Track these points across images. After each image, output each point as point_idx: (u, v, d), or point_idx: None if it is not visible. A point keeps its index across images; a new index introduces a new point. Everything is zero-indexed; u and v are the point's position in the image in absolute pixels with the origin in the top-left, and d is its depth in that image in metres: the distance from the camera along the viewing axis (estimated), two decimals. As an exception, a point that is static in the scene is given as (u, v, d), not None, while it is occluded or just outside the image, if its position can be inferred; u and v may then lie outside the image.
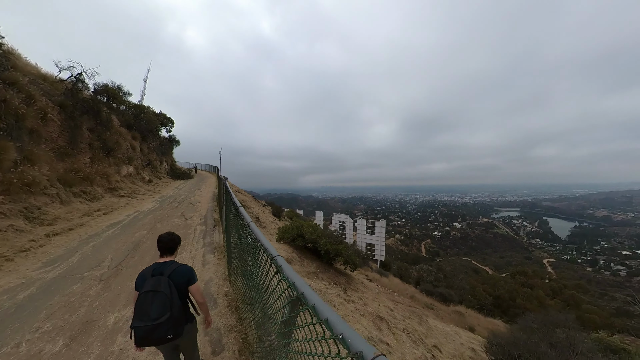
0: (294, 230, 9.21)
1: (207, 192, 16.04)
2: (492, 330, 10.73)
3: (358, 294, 7.19)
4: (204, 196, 13.83)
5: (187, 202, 11.53)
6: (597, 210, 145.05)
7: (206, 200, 12.30)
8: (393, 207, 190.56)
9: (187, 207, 10.24)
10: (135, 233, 6.48)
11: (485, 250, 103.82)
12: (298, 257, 7.98)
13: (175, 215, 8.69)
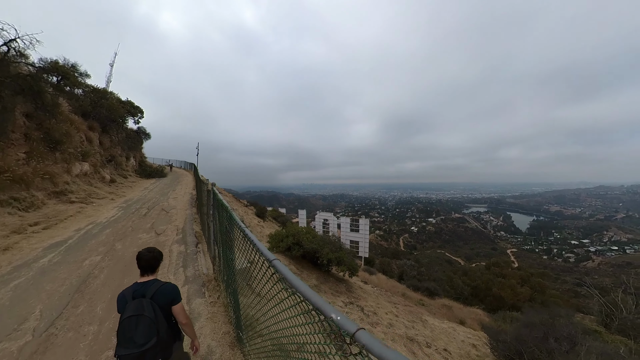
0: (290, 238, 8.19)
1: (183, 193, 13.95)
2: (481, 321, 11.48)
3: (365, 303, 6.87)
4: (180, 199, 11.85)
5: (158, 208, 9.56)
6: (551, 206, 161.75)
7: (183, 205, 10.40)
8: (373, 204, 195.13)
9: (158, 216, 8.36)
10: (83, 260, 4.69)
11: (457, 242, 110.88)
12: (297, 270, 7.14)
13: (142, 227, 6.86)
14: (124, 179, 16.96)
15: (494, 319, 12.54)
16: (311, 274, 7.68)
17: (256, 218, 17.69)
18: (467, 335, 7.66)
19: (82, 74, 16.27)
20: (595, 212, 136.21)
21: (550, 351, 4.38)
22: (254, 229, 13.11)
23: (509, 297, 19.06)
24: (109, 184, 13.67)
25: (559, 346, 4.41)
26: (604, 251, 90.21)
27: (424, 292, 15.99)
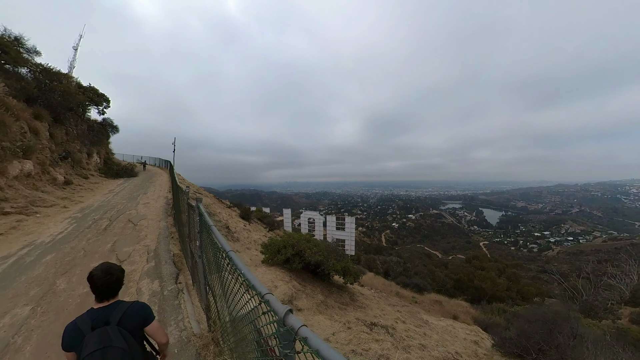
0: (289, 249, 7.18)
1: (157, 197, 11.98)
2: (471, 315, 11.84)
3: (373, 312, 6.89)
4: (152, 205, 9.96)
5: (124, 219, 7.78)
6: (518, 202, 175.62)
7: (156, 214, 8.64)
8: (355, 202, 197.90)
9: (123, 230, 6.65)
10: (2, 316, 3.07)
11: (435, 237, 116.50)
12: (300, 285, 6.34)
13: (99, 250, 5.19)
14: (84, 180, 14.41)
15: (482, 311, 13.14)
16: (315, 288, 6.92)
17: (241, 221, 16.12)
18: (466, 332, 7.82)
19: (30, 50, 13.43)
20: (555, 208, 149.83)
21: (558, 346, 4.40)
22: (241, 234, 11.80)
23: (489, 287, 20.49)
24: (62, 187, 11.30)
25: (566, 340, 4.45)
26: (561, 241, 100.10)
27: (413, 289, 16.34)
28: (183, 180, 21.68)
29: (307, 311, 5.27)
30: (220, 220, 11.49)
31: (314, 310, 5.56)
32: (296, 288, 6.05)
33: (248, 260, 7.69)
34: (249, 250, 9.43)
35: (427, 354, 4.74)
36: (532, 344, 4.80)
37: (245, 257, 7.89)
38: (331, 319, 5.12)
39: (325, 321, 5.13)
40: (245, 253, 8.64)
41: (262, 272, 6.34)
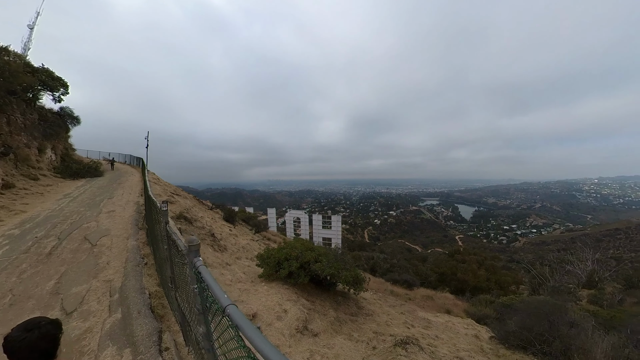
0: (293, 261, 6.27)
1: (125, 202, 10.14)
2: (463, 308, 12.00)
3: (380, 319, 6.64)
4: (119, 215, 8.18)
5: (78, 237, 6.03)
6: (489, 199, 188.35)
7: (123, 227, 6.97)
8: (338, 199, 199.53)
9: (75, 256, 4.99)
10: None
11: (415, 232, 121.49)
12: (308, 302, 5.81)
13: (34, 293, 3.55)
14: (32, 182, 12.07)
15: (470, 303, 13.42)
16: (323, 302, 6.35)
17: (226, 224, 14.82)
18: (463, 327, 7.84)
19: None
20: (521, 203, 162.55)
21: (560, 336, 4.56)
22: (228, 241, 10.49)
23: (471, 279, 21.27)
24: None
25: (569, 331, 4.62)
26: (526, 233, 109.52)
27: (402, 285, 16.36)
28: (158, 180, 19.37)
29: (324, 334, 4.67)
30: (203, 226, 10.16)
31: (330, 331, 5.04)
32: (306, 307, 5.44)
33: (241, 275, 6.71)
34: (239, 261, 8.40)
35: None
36: (534, 335, 4.92)
37: (237, 271, 6.93)
38: (351, 339, 4.62)
39: (346, 343, 4.51)
40: (237, 265, 7.69)
41: (265, 291, 5.63)
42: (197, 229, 9.31)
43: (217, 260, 7.17)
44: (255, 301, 5.00)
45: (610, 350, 3.98)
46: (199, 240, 1.68)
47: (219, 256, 7.69)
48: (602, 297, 19.40)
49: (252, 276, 6.83)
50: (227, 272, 6.49)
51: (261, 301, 5.02)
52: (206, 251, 7.47)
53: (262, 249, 11.71)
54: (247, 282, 6.23)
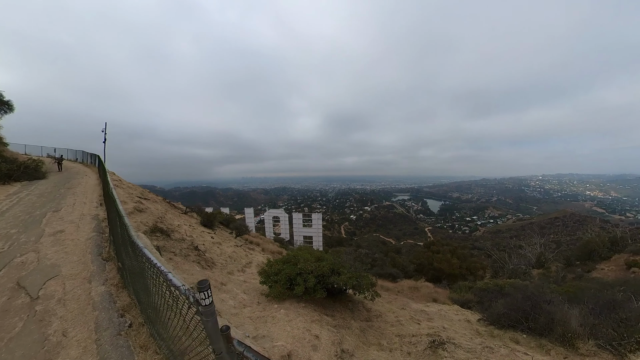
0: (309, 276, 5.46)
1: (78, 217, 7.51)
2: (448, 297, 12.49)
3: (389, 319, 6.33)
4: (71, 239, 5.90)
5: (6, 286, 3.96)
6: (453, 193, 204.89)
7: (79, 261, 4.94)
8: (315, 196, 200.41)
9: (1, 328, 3.08)
10: None
11: (388, 226, 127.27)
12: (330, 318, 5.21)
13: None
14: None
15: (451, 290, 14.33)
16: (342, 313, 5.77)
17: (206, 231, 13.35)
18: (454, 313, 8.01)
19: None
20: (480, 197, 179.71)
21: (544, 313, 5.18)
22: (213, 252, 9.29)
23: (446, 268, 22.76)
24: None
25: (548, 307, 5.32)
26: (485, 223, 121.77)
27: (387, 278, 16.73)
28: (120, 181, 15.87)
29: (358, 350, 4.30)
30: (183, 237, 8.70)
31: (361, 345, 4.60)
32: (332, 325, 4.89)
33: (243, 296, 5.78)
34: (232, 276, 7.46)
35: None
36: (521, 314, 5.47)
37: (236, 291, 6.05)
38: (383, 349, 4.44)
39: (382, 354, 4.34)
40: (232, 282, 6.73)
41: (283, 316, 4.76)
42: (177, 242, 7.93)
43: (210, 280, 6.40)
44: (279, 332, 4.13)
45: (581, 319, 4.78)
46: (207, 282, 1.40)
47: (210, 275, 6.70)
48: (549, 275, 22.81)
49: (255, 295, 6.01)
50: (226, 296, 5.59)
51: (286, 331, 4.20)
52: (193, 270, 6.43)
53: (252, 258, 10.76)
54: (253, 305, 5.44)
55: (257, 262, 10.30)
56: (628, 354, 4.01)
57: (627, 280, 11.67)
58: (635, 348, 4.10)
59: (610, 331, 4.47)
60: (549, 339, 4.67)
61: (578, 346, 4.31)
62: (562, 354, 4.23)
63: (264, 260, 10.83)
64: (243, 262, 9.68)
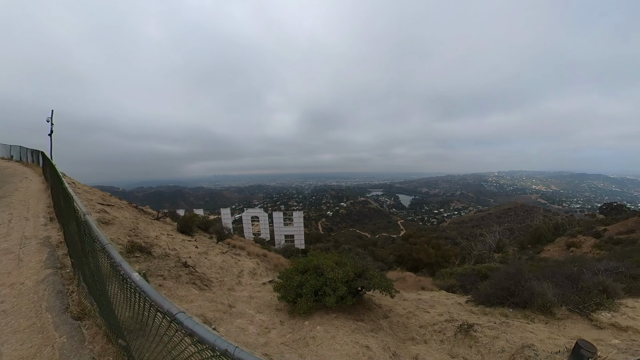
0: (340, 284, 5.09)
1: (18, 245, 5.16)
2: (433, 284, 13.02)
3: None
4: (11, 284, 3.76)
5: None
6: (423, 189, 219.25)
7: (25, 330, 2.88)
8: (291, 194, 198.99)
9: None
10: None
11: (364, 221, 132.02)
12: (364, 323, 4.99)
13: None
14: None
15: (434, 277, 15.17)
16: (370, 316, 5.50)
17: (187, 240, 11.47)
18: (445, 298, 8.43)
19: None
20: (446, 192, 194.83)
21: (525, 289, 5.96)
22: (201, 265, 7.83)
23: (424, 258, 24.49)
24: None
25: (527, 284, 6.12)
26: (451, 215, 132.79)
27: None
28: (74, 184, 12.81)
29: (399, 348, 4.24)
30: (166, 253, 7.19)
31: (400, 344, 4.47)
32: (369, 330, 4.63)
33: (260, 317, 5.05)
34: (234, 293, 6.45)
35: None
36: (506, 292, 6.18)
37: (249, 312, 5.22)
38: (418, 342, 4.51)
39: (421, 348, 4.36)
40: (239, 301, 5.81)
41: (322, 332, 4.29)
42: (161, 259, 6.49)
43: (215, 305, 5.05)
44: (331, 354, 3.69)
45: (554, 291, 5.78)
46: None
47: (212, 297, 5.58)
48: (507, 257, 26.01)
49: (271, 312, 5.40)
50: (242, 321, 4.74)
51: (337, 350, 3.75)
52: (191, 295, 5.30)
53: (242, 266, 9.76)
54: (277, 326, 4.79)
55: (248, 269, 9.58)
56: (591, 314, 5.02)
57: (575, 257, 13.93)
58: (594, 308, 5.12)
59: (575, 297, 5.49)
60: (532, 310, 5.55)
61: (554, 312, 5.23)
62: (543, 320, 5.10)
63: (254, 266, 10.26)
64: (235, 272, 8.75)
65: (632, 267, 9.68)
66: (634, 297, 6.55)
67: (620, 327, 4.49)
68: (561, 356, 2.94)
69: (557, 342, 3.57)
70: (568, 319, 5.00)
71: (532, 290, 5.80)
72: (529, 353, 3.12)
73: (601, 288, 5.91)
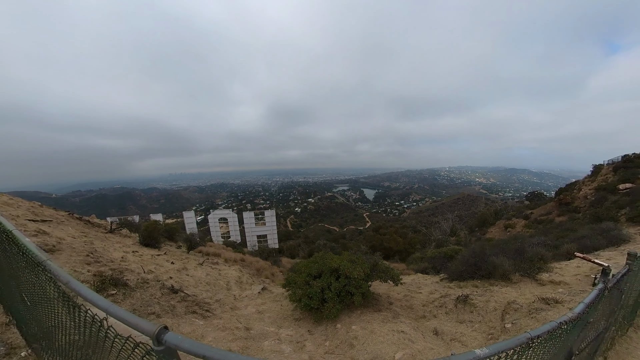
0: (363, 283, 5.23)
1: None
2: (409, 268, 14.45)
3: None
4: None
5: None
6: (385, 183, 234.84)
7: None
8: (257, 191, 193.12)
9: None
10: None
11: (331, 215, 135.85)
12: (385, 312, 5.23)
13: None
14: None
15: (406, 263, 16.80)
16: (383, 304, 5.71)
17: (155, 253, 9.83)
18: (423, 279, 9.19)
19: None
20: (406, 185, 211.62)
21: (488, 263, 7.11)
22: (186, 284, 6.90)
23: (394, 246, 26.89)
24: None
25: (489, 259, 7.27)
26: (410, 206, 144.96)
27: None
28: None
29: (419, 327, 4.52)
30: (145, 279, 5.76)
31: (419, 324, 4.73)
32: (394, 316, 4.84)
33: (285, 332, 4.77)
34: (239, 311, 5.91)
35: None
36: (474, 268, 7.33)
37: (270, 329, 4.92)
38: (429, 319, 4.82)
39: (434, 322, 4.74)
40: (255, 321, 5.34)
41: (360, 331, 4.31)
42: (142, 289, 5.27)
43: (231, 333, 4.47)
44: (380, 347, 3.80)
45: (508, 262, 7.29)
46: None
47: (221, 324, 4.88)
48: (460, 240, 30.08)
49: (293, 324, 5.10)
50: (272, 342, 4.36)
51: (382, 342, 3.85)
52: (197, 327, 4.59)
53: (226, 276, 9.10)
54: (308, 336, 4.53)
55: (233, 279, 8.98)
56: (535, 276, 6.56)
57: (517, 236, 16.92)
58: (537, 272, 6.66)
59: (524, 265, 7.04)
60: (494, 279, 6.94)
61: (511, 278, 6.65)
62: (504, 285, 6.48)
63: (237, 274, 9.68)
64: (223, 285, 8.10)
65: (553, 240, 12.48)
66: (558, 260, 8.65)
67: (556, 282, 6.03)
68: (538, 303, 4.05)
69: (525, 297, 4.76)
70: (521, 282, 6.43)
71: (494, 264, 7.18)
72: (515, 306, 4.16)
73: (539, 257, 7.60)
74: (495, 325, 4.06)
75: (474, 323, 4.37)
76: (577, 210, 25.41)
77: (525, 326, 3.58)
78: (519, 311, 4.08)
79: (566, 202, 28.73)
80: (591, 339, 1.87)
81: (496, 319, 4.21)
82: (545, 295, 4.22)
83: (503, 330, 3.76)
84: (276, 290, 8.35)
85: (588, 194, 26.20)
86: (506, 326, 3.78)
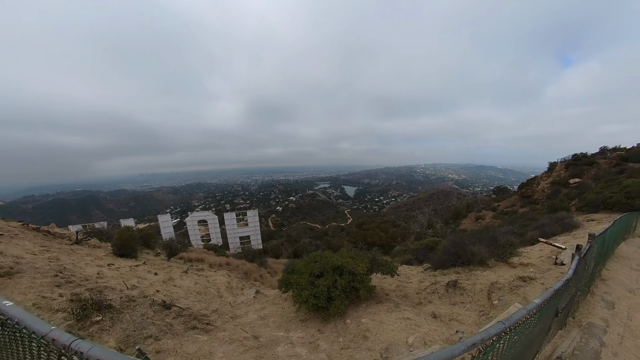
0: (367, 277, 5.42)
1: None
2: (395, 260, 15.32)
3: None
4: None
5: None
6: (365, 180, 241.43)
7: None
8: (236, 191, 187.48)
9: None
10: None
11: (313, 213, 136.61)
12: (388, 302, 5.49)
13: None
14: None
15: (392, 255, 17.58)
16: (388, 297, 5.95)
17: (133, 264, 8.75)
18: (410, 270, 9.72)
19: None
20: (384, 182, 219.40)
21: (467, 252, 7.84)
22: (176, 296, 6.40)
23: (377, 241, 27.90)
24: None
25: (471, 247, 7.94)
26: (389, 202, 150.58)
27: None
28: None
29: (420, 313, 4.91)
30: (131, 297, 5.04)
31: (418, 310, 5.05)
32: (396, 306, 5.14)
33: (296, 335, 4.74)
34: (241, 319, 5.78)
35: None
36: (454, 256, 7.98)
37: (279, 334, 4.85)
38: (425, 305, 5.15)
39: (430, 307, 5.06)
40: (260, 328, 5.25)
41: (370, 322, 4.49)
42: (129, 309, 4.66)
43: (240, 345, 4.36)
44: (393, 335, 4.08)
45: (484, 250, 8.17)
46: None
47: (227, 336, 4.66)
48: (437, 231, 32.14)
49: (298, 324, 5.12)
50: (285, 347, 4.31)
51: (393, 330, 4.16)
52: (201, 344, 4.29)
53: (215, 282, 8.82)
54: (319, 335, 4.58)
55: (223, 285, 8.72)
56: (507, 260, 7.46)
57: (489, 227, 18.52)
58: (509, 256, 7.55)
59: (498, 251, 7.93)
60: (473, 265, 7.74)
61: (488, 263, 7.49)
62: (483, 270, 7.27)
63: (226, 279, 9.50)
64: (214, 293, 7.78)
65: (519, 228, 13.99)
66: (524, 246, 9.86)
67: (525, 264, 6.91)
68: (517, 282, 4.73)
69: (504, 277, 5.47)
70: (496, 266, 7.26)
71: (472, 252, 7.98)
72: (498, 286, 4.80)
73: (510, 243, 8.60)
74: (484, 304, 4.66)
75: (466, 304, 4.95)
76: (536, 202, 28.46)
77: (510, 301, 4.20)
78: (502, 289, 4.74)
79: (527, 195, 31.99)
80: (566, 302, 2.38)
81: (484, 298, 4.83)
82: (521, 275, 4.91)
83: (492, 306, 4.37)
84: (270, 292, 8.23)
85: (545, 188, 29.48)
86: (494, 303, 4.39)
